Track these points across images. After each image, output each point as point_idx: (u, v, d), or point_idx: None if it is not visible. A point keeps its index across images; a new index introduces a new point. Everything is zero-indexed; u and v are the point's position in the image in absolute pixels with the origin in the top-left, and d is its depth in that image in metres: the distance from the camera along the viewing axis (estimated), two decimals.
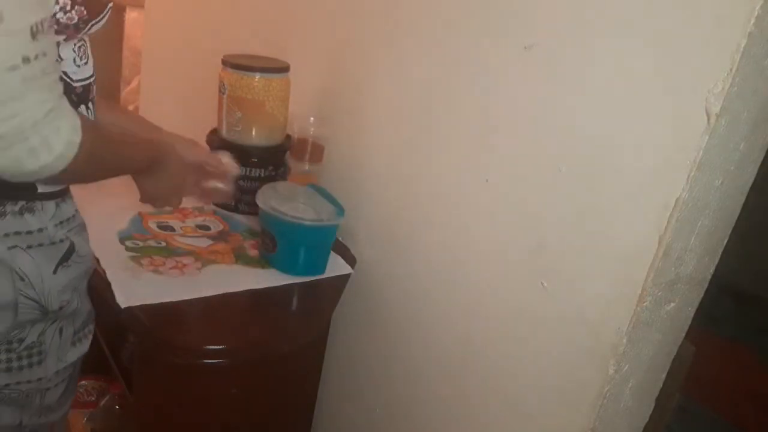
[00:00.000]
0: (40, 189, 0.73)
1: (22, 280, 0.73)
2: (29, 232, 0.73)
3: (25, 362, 0.77)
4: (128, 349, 1.10)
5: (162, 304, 0.94)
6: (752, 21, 0.60)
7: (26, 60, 0.59)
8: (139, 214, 1.19)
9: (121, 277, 0.97)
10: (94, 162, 0.70)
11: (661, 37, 0.68)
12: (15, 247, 0.72)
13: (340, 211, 1.09)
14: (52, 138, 0.62)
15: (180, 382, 1.00)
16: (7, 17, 0.57)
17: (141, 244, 1.09)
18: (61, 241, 0.77)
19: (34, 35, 0.59)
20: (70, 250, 0.78)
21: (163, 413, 1.02)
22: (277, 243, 1.07)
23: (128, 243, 1.09)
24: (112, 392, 1.39)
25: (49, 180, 0.67)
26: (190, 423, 1.03)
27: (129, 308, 0.91)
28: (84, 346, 0.86)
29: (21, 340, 0.76)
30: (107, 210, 1.13)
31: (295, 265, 1.09)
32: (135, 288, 0.95)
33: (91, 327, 0.88)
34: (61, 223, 0.77)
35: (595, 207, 0.77)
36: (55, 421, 0.86)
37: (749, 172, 0.73)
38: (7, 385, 0.77)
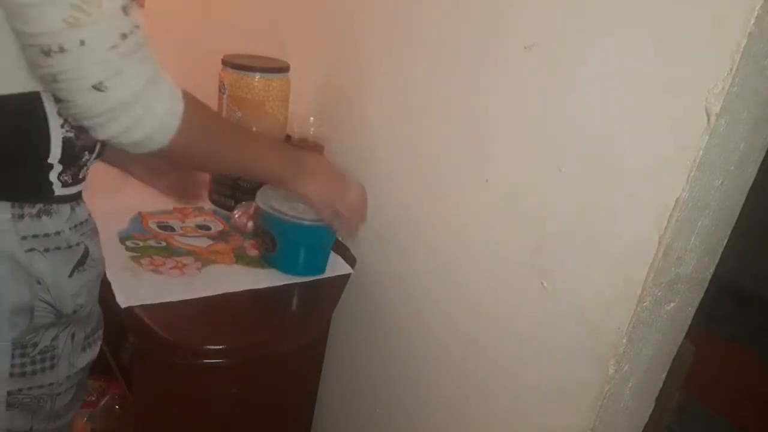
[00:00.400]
0: (57, 192, 0.73)
1: (39, 283, 0.72)
2: (47, 235, 0.72)
3: (38, 366, 0.77)
4: (128, 349, 1.09)
5: (162, 304, 0.94)
6: (752, 21, 0.60)
7: (123, 37, 0.61)
8: (139, 214, 1.19)
9: (121, 277, 0.97)
10: (202, 135, 0.73)
11: (661, 37, 0.68)
12: (33, 250, 0.71)
13: None
14: (155, 105, 0.65)
15: (180, 382, 1.00)
16: (104, 1, 0.59)
17: (141, 244, 1.09)
18: (77, 244, 0.76)
19: (125, 11, 0.61)
20: (85, 254, 0.77)
21: (163, 413, 1.02)
22: (277, 243, 1.07)
23: (128, 243, 1.09)
24: (112, 392, 1.39)
25: (162, 155, 0.69)
26: (190, 423, 1.03)
27: (129, 308, 0.91)
28: (93, 352, 0.86)
29: (35, 345, 0.75)
30: (107, 210, 1.13)
31: (295, 265, 1.09)
32: (135, 288, 0.96)
33: (101, 333, 0.87)
34: (75, 226, 0.76)
35: (595, 207, 0.77)
36: (61, 427, 0.86)
37: (749, 172, 0.72)
38: (20, 390, 0.76)
